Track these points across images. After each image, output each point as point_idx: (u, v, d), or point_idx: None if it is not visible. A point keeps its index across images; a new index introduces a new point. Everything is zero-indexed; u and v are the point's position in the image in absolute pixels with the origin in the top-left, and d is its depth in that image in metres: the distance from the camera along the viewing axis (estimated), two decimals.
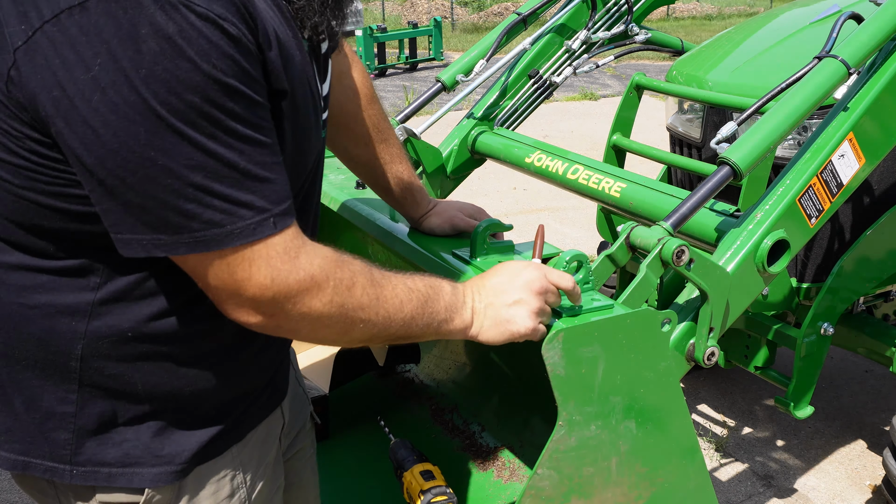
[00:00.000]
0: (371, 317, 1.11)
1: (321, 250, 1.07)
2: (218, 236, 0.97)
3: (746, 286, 1.65)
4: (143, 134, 0.92)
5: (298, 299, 1.03)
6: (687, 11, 22.38)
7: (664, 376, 1.35)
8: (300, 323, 1.06)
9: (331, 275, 1.06)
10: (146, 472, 1.14)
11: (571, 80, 4.75)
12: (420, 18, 20.52)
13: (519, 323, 1.24)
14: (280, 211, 1.01)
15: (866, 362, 3.89)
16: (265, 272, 1.00)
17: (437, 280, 1.22)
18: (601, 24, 2.73)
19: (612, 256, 1.53)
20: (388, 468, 1.65)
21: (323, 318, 1.07)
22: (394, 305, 1.13)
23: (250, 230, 0.98)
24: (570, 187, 2.41)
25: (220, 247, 0.98)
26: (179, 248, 0.98)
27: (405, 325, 1.15)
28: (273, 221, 1.00)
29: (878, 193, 2.55)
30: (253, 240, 0.99)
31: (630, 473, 1.36)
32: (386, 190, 1.70)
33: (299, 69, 1.09)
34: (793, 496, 3.05)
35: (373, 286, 1.11)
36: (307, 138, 1.15)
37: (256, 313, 1.04)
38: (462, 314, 1.23)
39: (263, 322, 1.05)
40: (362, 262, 1.13)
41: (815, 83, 1.74)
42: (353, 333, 1.11)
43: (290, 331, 1.09)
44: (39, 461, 1.13)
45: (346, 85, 1.59)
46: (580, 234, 5.66)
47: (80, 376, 1.10)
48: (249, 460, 1.26)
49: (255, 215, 0.99)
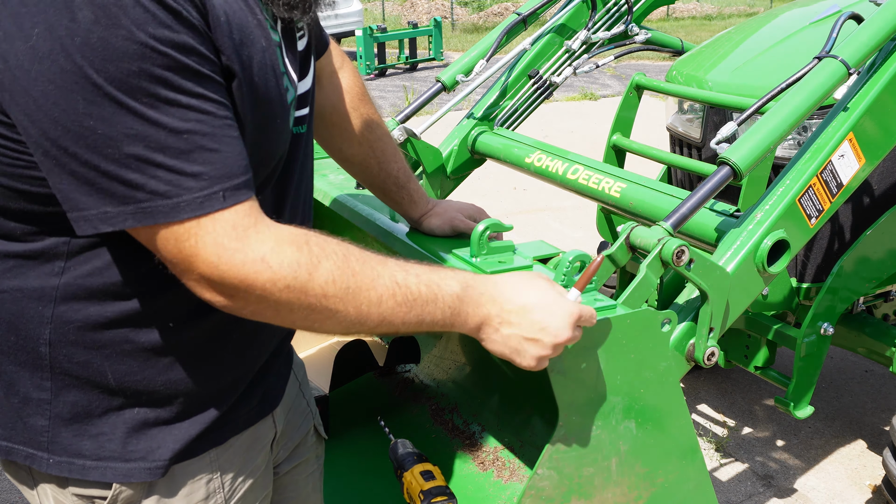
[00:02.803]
0: (339, 307, 1.03)
1: (280, 230, 1.01)
2: (164, 208, 0.95)
3: (746, 286, 1.65)
4: (82, 103, 0.91)
5: (250, 283, 0.98)
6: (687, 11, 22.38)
7: (664, 376, 1.36)
8: (261, 306, 1.01)
9: (287, 257, 1.00)
10: (119, 467, 1.13)
11: (571, 80, 4.75)
12: (420, 18, 20.52)
13: (524, 359, 1.16)
14: (232, 185, 0.97)
15: (866, 362, 3.89)
16: (211, 249, 0.97)
17: (442, 276, 1.13)
18: (601, 24, 2.73)
19: (613, 256, 1.53)
20: (388, 468, 1.65)
21: (282, 303, 1.01)
22: (369, 299, 1.05)
23: (197, 203, 0.95)
24: (570, 187, 2.41)
25: (167, 219, 0.95)
26: (127, 220, 0.95)
27: (385, 320, 1.07)
28: (223, 195, 0.97)
29: (878, 193, 2.55)
30: (200, 213, 0.96)
31: (630, 473, 1.36)
32: (383, 190, 1.69)
33: (259, 55, 1.07)
34: (793, 496, 3.05)
35: (344, 274, 1.03)
36: (271, 126, 1.12)
37: (214, 292, 1.00)
38: (470, 318, 1.15)
39: (225, 302, 1.01)
40: (342, 246, 1.06)
41: (815, 83, 1.74)
42: (326, 323, 1.05)
43: (255, 313, 1.03)
44: (21, 447, 1.14)
45: (337, 84, 1.58)
46: (580, 234, 5.66)
47: (52, 363, 1.10)
48: (230, 466, 1.24)
49: (204, 188, 0.96)
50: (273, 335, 1.30)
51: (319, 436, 1.55)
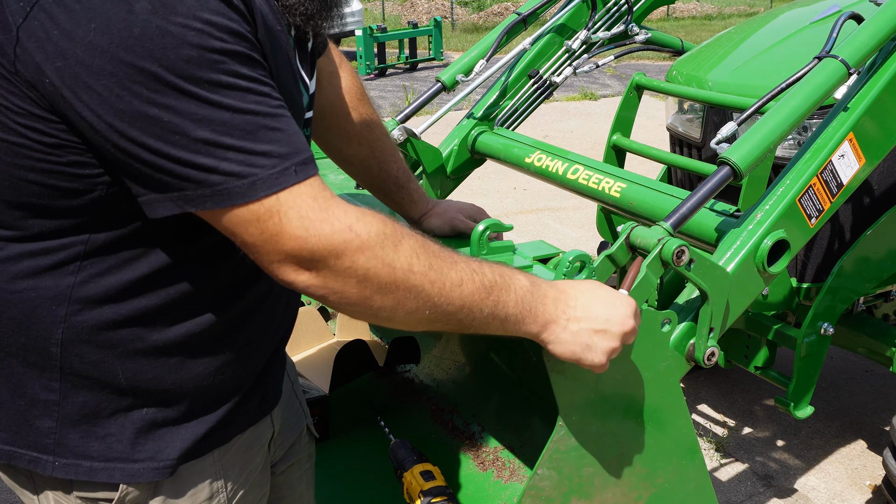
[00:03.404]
0: (424, 285, 1.03)
1: (358, 207, 1.02)
2: (240, 188, 0.96)
3: (746, 286, 1.65)
4: (145, 92, 0.93)
5: (340, 252, 0.98)
6: (687, 11, 22.38)
7: (664, 376, 1.35)
8: (348, 282, 1.00)
9: (373, 227, 1.01)
10: (127, 468, 1.13)
11: (571, 80, 4.75)
12: (420, 18, 20.52)
13: (595, 354, 1.17)
14: (300, 160, 0.99)
15: (866, 362, 3.89)
16: (297, 223, 0.98)
17: (511, 270, 1.14)
18: (601, 24, 2.73)
19: (612, 256, 1.53)
20: (388, 468, 1.65)
21: (370, 277, 1.00)
22: (452, 279, 1.05)
23: (273, 179, 0.97)
24: (570, 187, 2.41)
25: (244, 199, 0.96)
26: (206, 203, 0.97)
27: (466, 307, 1.06)
28: (294, 169, 0.98)
29: (878, 193, 2.55)
30: (277, 189, 0.97)
31: (630, 473, 1.36)
32: (382, 190, 1.69)
33: (283, 58, 1.09)
34: (793, 496, 3.05)
35: (426, 252, 1.04)
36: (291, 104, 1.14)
37: (300, 270, 0.99)
38: (539, 315, 1.14)
39: (311, 281, 1.00)
40: (413, 230, 1.07)
41: (815, 83, 1.74)
42: (408, 304, 1.03)
43: (339, 293, 1.01)
44: (24, 451, 1.13)
45: (336, 85, 1.59)
46: (580, 234, 5.66)
47: (62, 363, 1.10)
48: (232, 465, 1.25)
49: (276, 164, 0.97)
50: (274, 337, 1.30)
51: (311, 435, 1.56)
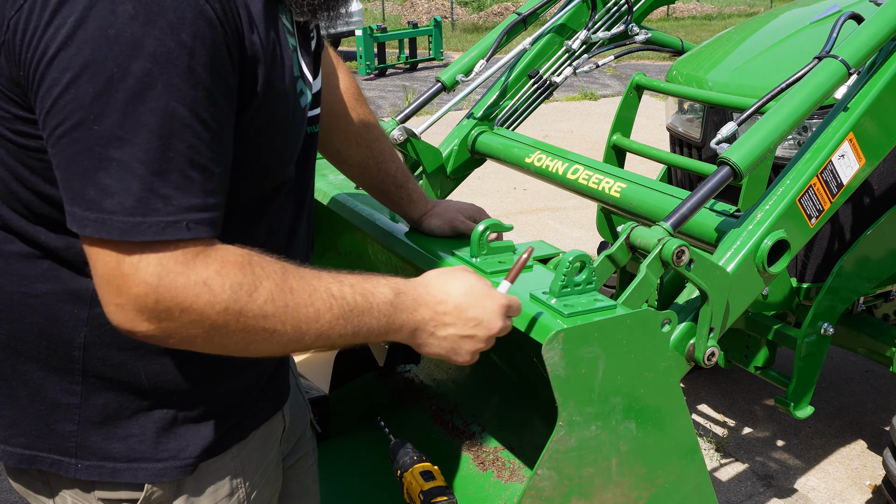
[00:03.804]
0: (277, 326, 1.01)
1: (224, 251, 0.99)
2: (125, 225, 0.91)
3: (746, 286, 1.65)
4: (91, 92, 0.91)
5: (188, 304, 0.95)
6: (687, 11, 22.38)
7: (664, 376, 1.35)
8: (192, 330, 0.97)
9: (229, 279, 0.97)
10: (150, 468, 1.13)
11: (571, 80, 4.75)
12: (420, 18, 20.52)
13: (460, 356, 1.19)
14: (199, 219, 0.95)
15: (866, 362, 3.89)
16: (153, 270, 0.93)
17: (375, 285, 1.12)
18: (601, 24, 2.73)
19: (613, 256, 1.53)
20: (388, 468, 1.65)
21: (218, 327, 0.97)
22: (307, 315, 1.03)
23: (159, 228, 0.92)
24: (570, 187, 2.41)
25: (123, 237, 0.92)
26: (87, 227, 0.93)
27: (322, 335, 1.05)
28: (186, 225, 0.94)
29: (878, 193, 2.55)
30: (159, 239, 0.92)
31: (630, 474, 1.36)
32: (381, 191, 1.69)
33: (281, 59, 1.08)
34: (793, 496, 3.05)
35: (282, 293, 1.01)
36: (287, 132, 1.13)
37: (141, 317, 0.94)
38: (405, 325, 1.14)
39: (151, 329, 0.96)
40: (279, 264, 1.04)
41: (815, 83, 1.74)
42: (259, 345, 1.02)
43: (182, 340, 0.98)
44: (45, 454, 1.13)
45: (333, 85, 1.59)
46: (580, 234, 5.66)
47: (84, 366, 1.10)
48: (249, 461, 1.26)
49: (170, 214, 0.93)
50: None
51: (314, 430, 1.58)
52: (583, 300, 1.31)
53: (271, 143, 1.11)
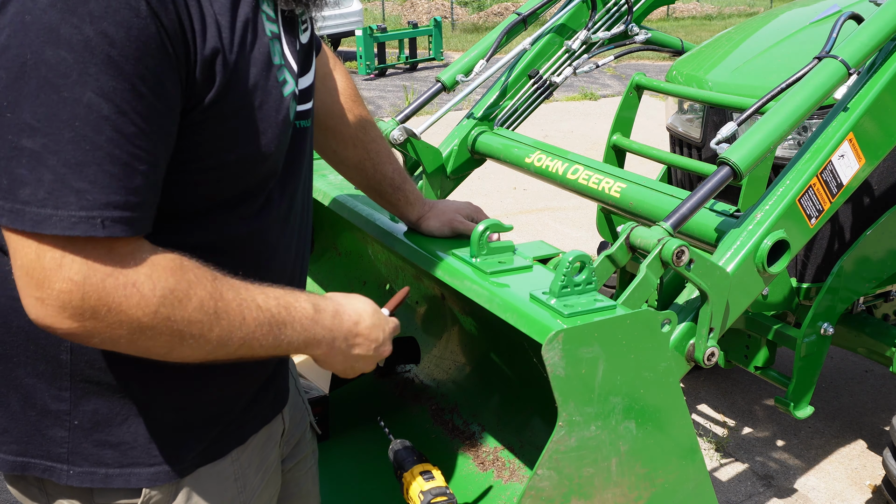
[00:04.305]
0: (204, 332, 1.00)
1: (155, 255, 0.97)
2: (37, 217, 0.88)
3: (746, 286, 1.65)
4: (4, 79, 0.88)
5: (115, 305, 0.92)
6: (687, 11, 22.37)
7: (664, 376, 1.35)
8: (117, 331, 0.94)
9: (160, 284, 0.95)
10: (144, 472, 1.13)
11: (571, 80, 4.75)
12: (420, 18, 20.51)
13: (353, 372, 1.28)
14: (116, 216, 0.91)
15: (866, 362, 3.89)
16: (78, 268, 0.90)
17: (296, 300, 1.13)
18: (601, 24, 2.73)
19: (613, 257, 1.53)
20: (388, 468, 1.65)
21: (145, 329, 0.95)
22: (233, 323, 1.03)
23: (70, 222, 0.89)
24: (570, 187, 2.41)
25: (35, 228, 0.88)
26: (2, 216, 0.90)
27: (245, 343, 1.05)
28: (101, 222, 0.90)
29: (878, 193, 2.55)
30: (70, 234, 0.89)
31: (630, 474, 1.36)
32: (378, 192, 1.68)
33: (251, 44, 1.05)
34: (793, 496, 3.05)
35: (213, 299, 1.00)
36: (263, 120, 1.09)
37: (63, 314, 0.91)
38: (319, 343, 1.17)
39: (73, 327, 0.92)
40: (210, 272, 1.03)
41: (815, 83, 1.74)
42: (182, 349, 1.00)
43: (105, 340, 0.96)
44: (38, 461, 1.12)
45: (330, 87, 1.58)
46: (580, 234, 5.66)
47: (72, 370, 1.09)
48: (249, 464, 1.26)
49: (84, 209, 0.89)
50: None
51: (314, 432, 1.57)
52: (583, 300, 1.31)
53: (245, 134, 1.08)
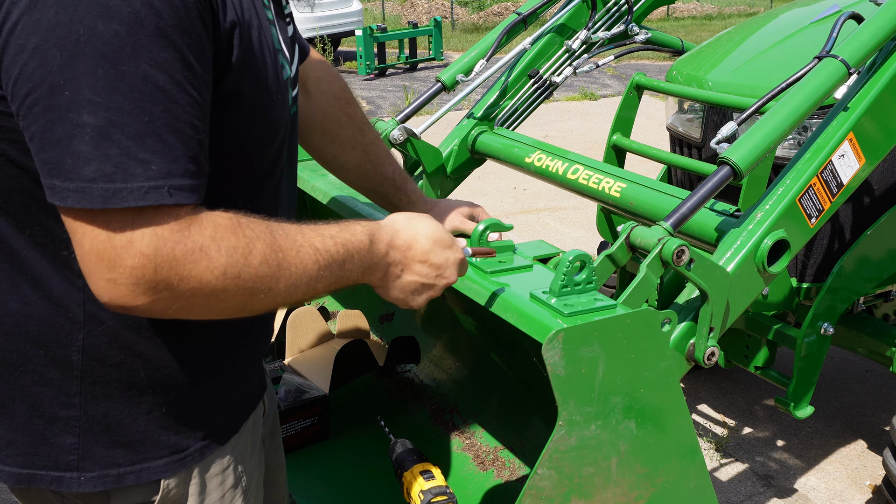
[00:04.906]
0: (272, 285, 1.02)
1: (215, 217, 0.98)
2: (106, 192, 0.89)
3: (746, 286, 1.65)
4: (59, 57, 0.87)
5: (186, 273, 0.93)
6: (687, 11, 22.37)
7: (664, 376, 1.35)
8: (191, 300, 0.96)
9: (224, 245, 0.96)
10: (154, 465, 1.14)
11: (571, 80, 4.75)
12: (420, 18, 20.51)
13: (417, 301, 1.25)
14: (179, 185, 0.93)
15: (866, 362, 3.89)
16: (149, 240, 0.91)
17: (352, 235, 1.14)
18: (601, 24, 2.73)
19: (613, 256, 1.53)
20: (388, 468, 1.65)
21: (217, 292, 0.97)
22: (298, 271, 1.04)
23: (141, 193, 0.90)
24: (570, 187, 2.41)
25: (107, 204, 0.89)
26: (68, 198, 0.89)
27: (310, 288, 1.07)
28: (168, 191, 0.91)
29: (878, 193, 2.55)
30: (142, 204, 0.90)
31: (630, 473, 1.36)
32: (380, 193, 1.69)
33: (256, 32, 1.06)
34: (793, 496, 3.05)
35: (274, 252, 1.02)
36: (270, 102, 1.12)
37: (137, 290, 0.92)
38: (376, 272, 1.18)
39: (147, 302, 0.93)
40: (265, 224, 1.04)
41: (815, 83, 1.74)
42: (255, 304, 1.03)
43: (180, 310, 0.97)
44: (45, 472, 1.11)
45: (324, 91, 1.58)
46: (580, 234, 5.66)
47: (83, 372, 1.08)
48: (244, 449, 1.28)
49: (150, 179, 0.90)
50: (270, 322, 1.33)
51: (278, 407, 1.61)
52: (583, 300, 1.31)
53: (260, 111, 1.09)
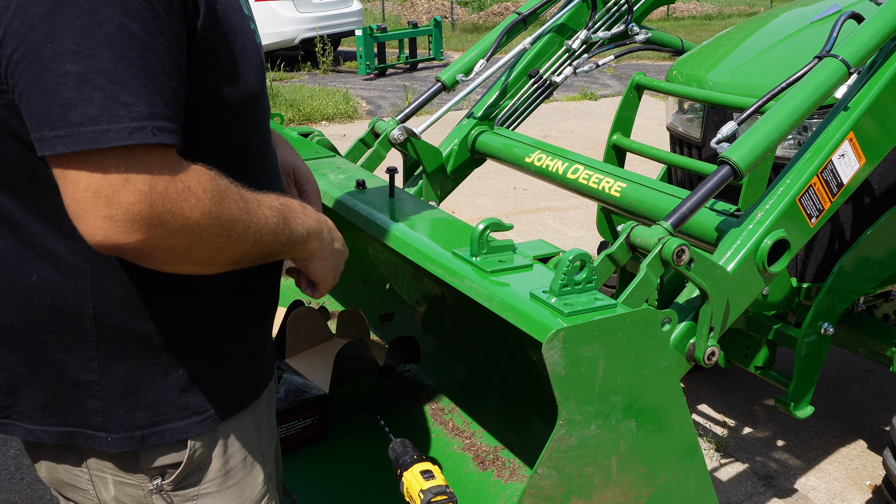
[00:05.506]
0: (241, 231, 1.07)
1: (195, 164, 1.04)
2: (94, 134, 0.93)
3: (747, 286, 1.65)
4: (38, 13, 0.92)
5: (178, 209, 0.98)
6: (687, 11, 22.37)
7: (664, 376, 1.35)
8: (179, 237, 1.00)
9: (207, 185, 1.02)
10: (176, 427, 1.18)
11: (571, 80, 4.76)
12: (420, 18, 20.51)
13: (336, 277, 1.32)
14: (161, 126, 0.97)
15: (866, 362, 3.89)
16: (143, 178, 0.96)
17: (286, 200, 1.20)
18: (601, 24, 2.73)
19: (613, 256, 1.53)
20: (388, 468, 1.65)
21: (202, 230, 1.02)
22: (260, 219, 1.10)
23: (126, 133, 0.94)
24: (570, 187, 2.41)
25: (96, 144, 0.93)
26: (57, 145, 0.93)
27: (272, 240, 1.13)
28: (152, 131, 0.96)
29: (878, 193, 2.55)
30: (130, 143, 0.94)
31: (630, 473, 1.36)
32: None
33: None
34: (793, 496, 3.04)
35: (243, 199, 1.08)
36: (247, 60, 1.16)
37: (132, 227, 0.96)
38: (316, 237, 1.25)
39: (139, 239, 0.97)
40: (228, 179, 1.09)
41: (815, 83, 1.74)
42: (228, 249, 1.07)
43: (166, 250, 1.01)
44: (81, 429, 1.17)
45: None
46: (580, 234, 5.66)
47: (98, 338, 1.13)
48: (262, 415, 1.32)
49: (134, 119, 0.95)
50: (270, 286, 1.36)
51: None
52: (583, 299, 1.31)
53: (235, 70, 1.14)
